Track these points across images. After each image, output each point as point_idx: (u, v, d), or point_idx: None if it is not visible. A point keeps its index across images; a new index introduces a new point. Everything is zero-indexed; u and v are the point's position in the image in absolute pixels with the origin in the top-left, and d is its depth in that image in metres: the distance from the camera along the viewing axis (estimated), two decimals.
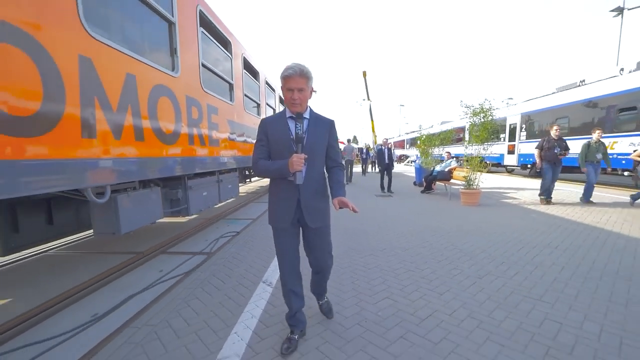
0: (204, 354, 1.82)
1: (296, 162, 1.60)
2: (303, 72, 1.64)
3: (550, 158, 6.68)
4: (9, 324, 2.23)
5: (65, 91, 1.99)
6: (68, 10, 2.07)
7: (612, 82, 9.94)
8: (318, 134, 1.78)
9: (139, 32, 2.88)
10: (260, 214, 6.16)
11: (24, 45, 1.74)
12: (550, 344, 1.86)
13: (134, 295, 2.73)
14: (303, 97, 1.68)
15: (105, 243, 4.40)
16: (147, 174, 2.82)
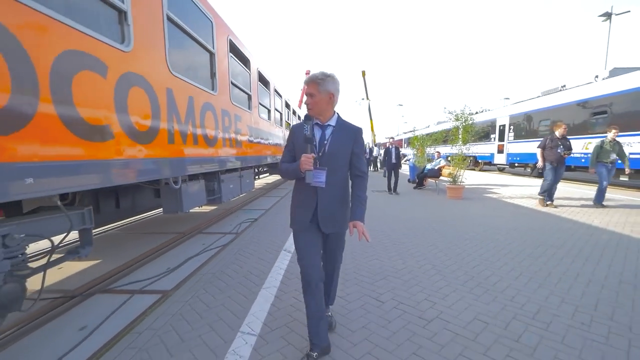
0: (251, 289, 2.80)
1: (304, 161, 1.66)
2: (312, 79, 1.73)
3: (553, 158, 6.30)
4: (105, 275, 3.20)
5: (160, 112, 2.95)
6: (163, 63, 3.01)
7: (587, 88, 10.94)
8: (341, 141, 1.80)
9: (193, 64, 3.83)
10: (272, 205, 7.15)
11: (147, 88, 2.70)
12: (487, 286, 2.85)
13: (192, 257, 3.70)
14: (313, 102, 1.75)
15: (156, 225, 5.39)
16: (199, 169, 3.78)
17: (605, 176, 6.24)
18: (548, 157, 6.38)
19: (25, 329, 2.23)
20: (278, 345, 1.94)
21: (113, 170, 2.33)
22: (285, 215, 5.90)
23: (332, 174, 1.77)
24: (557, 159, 6.27)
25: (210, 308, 2.40)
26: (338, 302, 2.44)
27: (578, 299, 2.49)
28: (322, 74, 1.73)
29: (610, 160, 6.21)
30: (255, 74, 6.40)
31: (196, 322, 2.19)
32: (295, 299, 2.53)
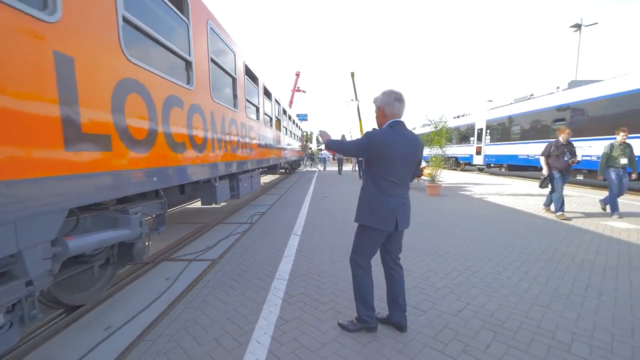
0: (275, 256, 3.89)
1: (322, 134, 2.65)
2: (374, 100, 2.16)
3: (561, 166, 5.85)
4: (165, 249, 4.23)
5: (209, 129, 4.00)
6: (208, 95, 4.07)
7: (550, 97, 12.39)
8: None
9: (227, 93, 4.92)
10: (275, 202, 8.22)
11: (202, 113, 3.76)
12: (447, 258, 4.02)
13: (222, 239, 4.76)
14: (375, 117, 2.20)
15: (181, 218, 6.40)
16: (227, 171, 4.85)
17: (615, 183, 5.76)
18: (555, 165, 5.90)
19: (125, 281, 3.26)
20: (303, 284, 3.05)
21: (188, 172, 3.40)
22: (287, 209, 7.01)
23: None
24: (565, 167, 5.83)
25: (248, 268, 3.49)
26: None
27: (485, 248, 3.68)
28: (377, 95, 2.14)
29: (621, 164, 5.73)
30: (261, 88, 7.50)
31: (242, 274, 3.28)
32: (307, 262, 3.64)
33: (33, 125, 1.62)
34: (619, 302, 2.63)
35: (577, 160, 5.79)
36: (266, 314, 2.48)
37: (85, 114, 1.97)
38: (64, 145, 1.80)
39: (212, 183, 4.40)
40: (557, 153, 5.86)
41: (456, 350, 2.00)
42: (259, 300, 2.73)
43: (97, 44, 2.12)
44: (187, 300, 2.72)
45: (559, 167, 5.86)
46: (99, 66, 2.11)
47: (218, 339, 2.16)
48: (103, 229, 2.34)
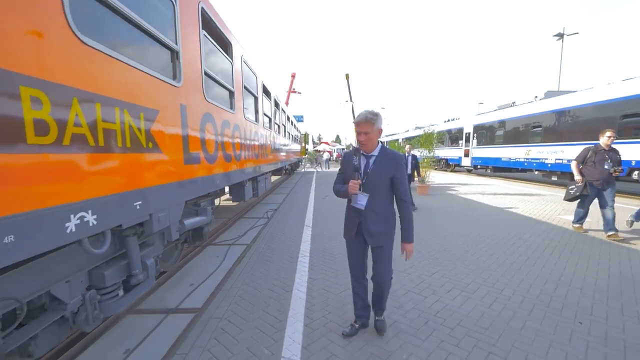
0: (295, 236, 4.98)
1: (352, 186, 2.08)
2: (367, 119, 2.04)
3: (599, 177, 4.81)
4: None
5: (247, 143, 5.08)
6: (242, 115, 5.14)
7: (528, 106, 13.68)
8: (382, 168, 2.12)
9: (251, 108, 5.98)
10: (283, 200, 9.31)
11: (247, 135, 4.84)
12: (431, 241, 5.16)
13: (248, 230, 5.83)
14: (367, 138, 2.08)
15: None
16: (253, 174, 5.93)
17: None
18: (589, 174, 4.91)
19: (188, 257, 4.32)
20: (321, 259, 4.15)
21: (232, 176, 4.49)
22: (295, 206, 8.10)
23: (374, 197, 2.11)
24: (605, 178, 4.80)
25: (277, 249, 4.58)
26: None
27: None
28: (373, 114, 2.05)
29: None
30: (273, 102, 8.61)
31: (273, 253, 4.37)
32: (320, 245, 4.74)
33: (171, 145, 2.71)
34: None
35: (621, 169, 4.75)
36: (299, 276, 3.57)
37: (189, 138, 3.05)
38: (184, 161, 2.89)
39: (242, 184, 5.47)
40: (595, 160, 4.86)
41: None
42: (291, 268, 3.82)
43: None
44: (239, 269, 3.80)
45: (594, 177, 4.85)
46: (195, 109, 3.21)
47: (270, 289, 3.25)
48: (195, 216, 3.42)
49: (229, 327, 2.55)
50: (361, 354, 2.19)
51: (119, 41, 2.15)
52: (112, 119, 1.94)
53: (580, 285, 3.25)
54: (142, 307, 2.90)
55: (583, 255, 4.14)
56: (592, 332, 2.43)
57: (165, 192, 2.57)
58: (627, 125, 9.23)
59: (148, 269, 2.52)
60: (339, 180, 2.35)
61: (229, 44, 4.72)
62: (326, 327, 2.53)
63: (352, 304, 2.88)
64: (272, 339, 2.38)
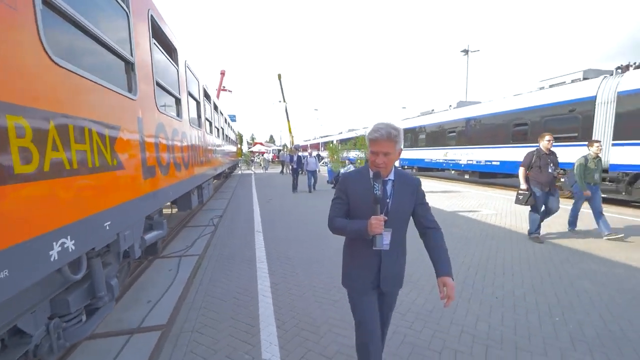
0: (248, 231, 5.06)
1: (375, 224, 1.48)
2: (391, 136, 1.53)
3: (544, 180, 5.00)
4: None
5: (199, 153, 4.94)
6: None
7: (444, 113, 15.70)
8: (403, 195, 1.67)
9: (194, 114, 5.79)
10: (226, 205, 9.13)
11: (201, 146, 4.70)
12: None
13: (196, 240, 5.67)
14: (389, 161, 1.57)
15: None
16: (200, 182, 5.77)
17: (582, 199, 5.41)
18: (537, 179, 5.06)
19: (137, 274, 4.08)
20: (278, 263, 4.34)
21: (184, 186, 4.36)
22: (240, 211, 8.06)
23: (395, 232, 1.64)
24: (550, 182, 5.02)
25: (232, 256, 4.62)
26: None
27: None
28: (396, 130, 1.55)
29: (596, 181, 5.24)
30: (212, 106, 8.41)
31: (230, 260, 4.41)
32: (275, 250, 4.92)
33: (132, 160, 2.64)
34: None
35: (563, 172, 4.89)
36: (261, 282, 3.71)
37: (147, 152, 2.97)
38: (143, 175, 2.81)
39: (190, 192, 5.32)
40: (540, 164, 5.01)
41: None
42: (251, 274, 3.94)
43: (149, 109, 3.13)
44: (198, 281, 3.78)
45: (541, 181, 5.02)
46: (149, 121, 3.12)
47: (235, 297, 3.34)
48: (151, 230, 3.30)
49: (202, 338, 2.60)
50: (333, 345, 2.48)
51: (80, 57, 2.07)
52: (82, 139, 1.89)
53: (493, 268, 4.06)
54: (100, 331, 2.74)
55: (503, 246, 5.11)
56: (505, 303, 3.13)
57: (129, 210, 2.50)
58: (517, 132, 11.31)
59: (113, 290, 2.43)
60: (338, 211, 1.70)
61: (175, 50, 4.58)
62: (298, 327, 2.75)
63: (320, 303, 3.17)
64: (248, 344, 2.52)
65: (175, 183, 4.07)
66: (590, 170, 5.25)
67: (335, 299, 3.24)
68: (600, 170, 5.30)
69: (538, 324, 2.77)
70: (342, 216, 1.70)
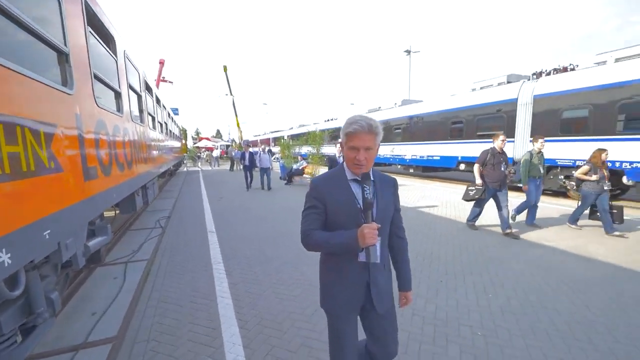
0: (200, 229, 4.89)
1: (369, 234, 1.23)
2: (372, 128, 1.34)
3: (497, 178, 5.21)
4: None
5: (143, 152, 4.57)
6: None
7: (390, 110, 16.55)
8: (386, 197, 1.47)
9: (135, 109, 5.34)
10: (173, 205, 8.63)
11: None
12: None
13: (143, 244, 5.30)
14: (370, 157, 1.37)
15: None
16: (144, 181, 5.37)
17: (534, 193, 5.67)
18: (490, 176, 5.27)
19: (78, 282, 3.70)
20: (235, 263, 4.26)
21: (128, 186, 4.04)
22: (190, 211, 7.71)
23: (382, 240, 1.45)
24: (502, 179, 5.24)
25: (186, 260, 4.44)
26: None
27: None
28: (374, 120, 1.37)
29: (540, 174, 5.61)
30: (154, 99, 7.84)
31: (183, 265, 4.23)
32: (231, 250, 4.82)
33: (72, 161, 2.40)
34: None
35: (513, 169, 5.33)
36: (219, 283, 3.63)
37: (87, 151, 2.72)
38: (84, 177, 2.57)
39: (135, 193, 4.94)
40: (494, 162, 5.23)
41: None
42: (207, 276, 3.83)
43: (88, 104, 2.84)
44: (149, 288, 3.57)
45: (494, 178, 5.23)
46: (88, 117, 2.84)
47: (192, 301, 3.23)
48: (95, 236, 3.01)
49: (160, 347, 2.49)
50: (297, 339, 2.56)
51: (6, 47, 1.82)
52: (14, 140, 1.68)
53: (438, 255, 4.47)
54: (40, 351, 2.46)
55: (445, 234, 5.60)
56: (448, 286, 3.49)
57: (70, 215, 2.27)
58: (454, 129, 12.39)
59: (53, 305, 2.21)
60: (314, 223, 1.42)
61: (112, 39, 4.18)
62: (260, 324, 2.77)
63: (281, 299, 3.21)
64: (211, 347, 2.48)
65: (119, 184, 3.77)
66: (534, 165, 5.58)
67: (295, 294, 3.32)
68: (543, 165, 5.66)
69: (475, 301, 3.15)
70: (319, 228, 1.42)
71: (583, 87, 8.25)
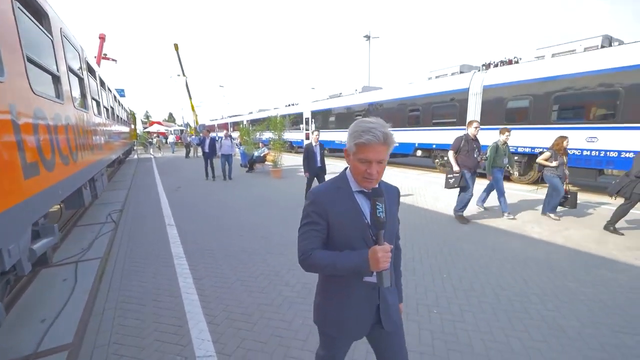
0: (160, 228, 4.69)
1: (383, 257, 1.09)
2: (387, 138, 1.15)
3: (471, 164, 5.32)
4: None
5: (89, 143, 4.16)
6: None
7: (351, 97, 16.73)
8: (392, 210, 1.35)
9: (77, 94, 4.82)
10: (125, 197, 8.09)
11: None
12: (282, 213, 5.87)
13: (95, 240, 4.94)
14: (382, 169, 1.20)
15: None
16: (91, 174, 4.94)
17: (501, 181, 5.82)
18: (465, 163, 5.31)
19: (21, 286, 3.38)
20: (199, 257, 4.16)
21: (75, 179, 3.70)
22: (145, 203, 7.30)
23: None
24: (475, 166, 5.37)
25: (146, 255, 4.24)
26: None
27: None
28: (391, 132, 1.18)
29: (504, 165, 5.81)
30: (99, 82, 7.15)
31: (143, 261, 4.05)
32: (194, 244, 4.69)
33: (9, 158, 2.15)
34: None
35: (485, 157, 5.53)
36: (183, 280, 3.54)
37: (25, 146, 2.45)
38: (24, 175, 2.32)
39: (82, 187, 4.55)
40: (468, 149, 5.27)
41: None
42: (170, 273, 3.71)
43: (23, 92, 2.52)
44: (105, 288, 3.38)
45: (469, 165, 5.30)
46: (24, 107, 2.54)
47: (155, 299, 3.13)
48: (39, 238, 2.74)
49: (123, 349, 2.40)
50: (267, 330, 2.61)
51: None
52: None
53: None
54: None
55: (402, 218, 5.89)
56: (407, 267, 3.74)
57: (10, 219, 2.06)
58: (412, 117, 12.90)
59: None
60: (314, 241, 1.24)
61: (46, 16, 3.71)
62: (229, 318, 2.77)
63: (249, 292, 3.22)
64: (179, 345, 2.44)
65: (64, 179, 3.46)
66: (499, 155, 5.74)
67: (263, 286, 3.35)
68: (507, 155, 5.82)
69: (432, 282, 3.42)
70: (319, 247, 1.24)
71: (524, 79, 8.99)
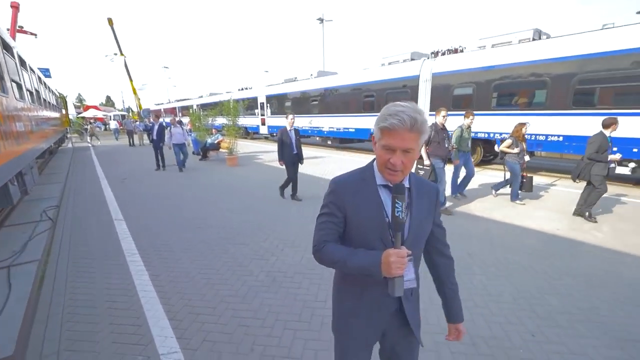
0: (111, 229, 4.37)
1: (396, 263, 0.97)
2: (416, 124, 0.98)
3: (443, 154, 5.16)
4: None
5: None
6: None
7: (307, 82, 16.59)
8: (423, 211, 1.17)
9: None
10: (62, 191, 7.31)
11: None
12: (244, 200, 5.78)
13: (29, 241, 4.43)
14: (409, 161, 1.04)
15: None
16: (18, 168, 4.35)
17: (472, 165, 5.94)
18: (437, 153, 5.12)
19: None
20: (155, 255, 3.96)
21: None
22: (87, 197, 6.69)
23: (415, 260, 1.18)
24: (447, 155, 5.22)
25: (93, 253, 3.93)
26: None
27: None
28: (421, 114, 1.00)
29: (468, 148, 5.81)
30: (18, 60, 6.23)
31: (90, 258, 3.75)
32: (148, 240, 4.43)
33: None
34: None
35: (454, 145, 5.45)
36: (138, 277, 3.35)
37: None
38: None
39: (9, 182, 4.01)
40: (438, 139, 5.09)
41: None
42: (122, 271, 3.49)
43: None
44: (47, 293, 3.09)
45: (441, 155, 5.11)
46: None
47: (109, 300, 2.94)
48: None
49: (76, 356, 2.24)
50: (233, 321, 2.60)
51: None
52: None
53: None
54: None
55: None
56: None
57: None
58: (367, 103, 13.19)
59: None
60: (330, 234, 1.15)
61: None
62: (192, 313, 2.71)
63: (211, 284, 3.16)
64: (139, 345, 2.34)
65: None
66: (464, 139, 5.73)
67: (226, 277, 3.30)
68: (471, 139, 5.89)
69: None
70: (336, 241, 1.15)
71: (468, 68, 9.63)
